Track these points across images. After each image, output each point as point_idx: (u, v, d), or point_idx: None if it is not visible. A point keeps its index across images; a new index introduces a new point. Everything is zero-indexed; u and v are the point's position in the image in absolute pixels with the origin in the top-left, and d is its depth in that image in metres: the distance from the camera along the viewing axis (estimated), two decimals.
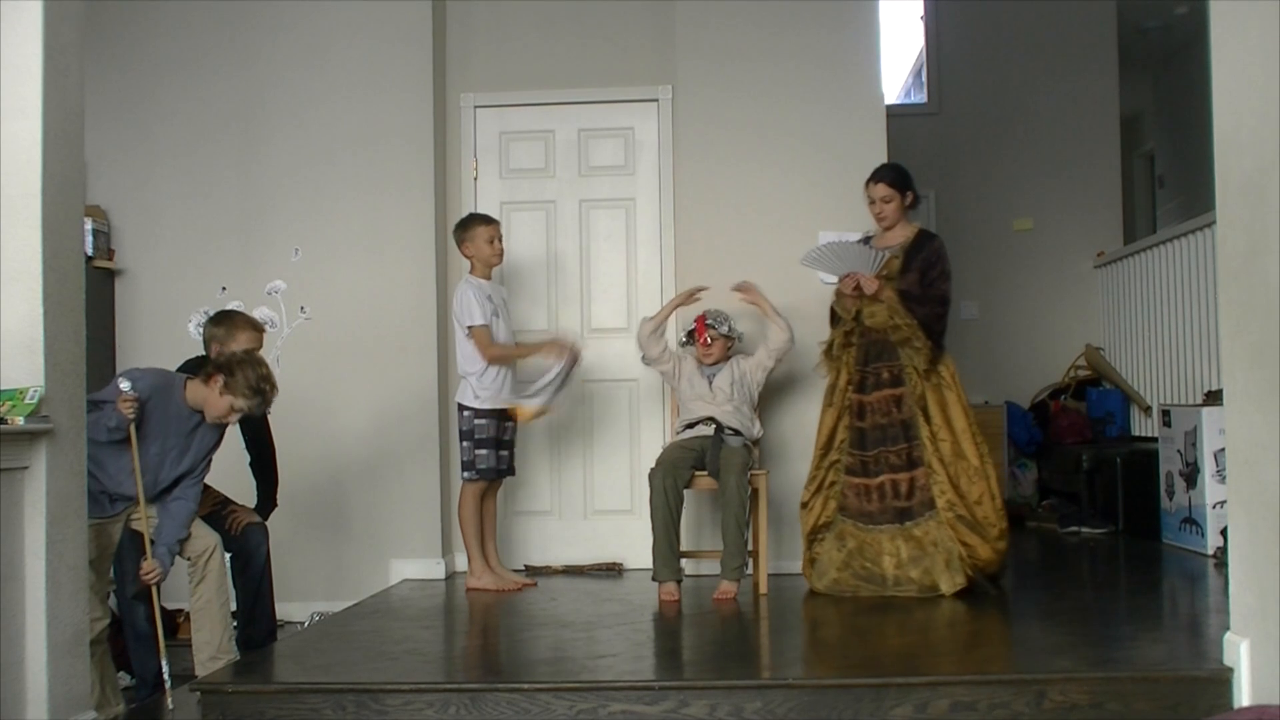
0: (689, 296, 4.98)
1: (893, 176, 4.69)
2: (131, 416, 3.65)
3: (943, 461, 4.46)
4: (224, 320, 4.24)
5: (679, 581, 4.61)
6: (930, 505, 4.46)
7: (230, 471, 4.39)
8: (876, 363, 4.60)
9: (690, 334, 4.95)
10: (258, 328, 4.29)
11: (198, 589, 3.89)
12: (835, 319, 4.78)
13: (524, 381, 4.92)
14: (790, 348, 4.88)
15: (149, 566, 3.74)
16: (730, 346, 4.94)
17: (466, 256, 4.98)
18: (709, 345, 4.87)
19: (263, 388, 3.78)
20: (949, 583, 4.40)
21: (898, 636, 3.89)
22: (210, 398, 3.78)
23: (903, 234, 4.70)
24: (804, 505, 4.71)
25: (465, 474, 4.92)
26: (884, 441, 4.54)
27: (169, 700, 3.62)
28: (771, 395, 5.21)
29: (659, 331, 4.96)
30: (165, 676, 3.69)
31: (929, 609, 4.22)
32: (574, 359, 4.83)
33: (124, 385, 3.66)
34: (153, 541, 3.79)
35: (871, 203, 4.70)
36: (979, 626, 4.05)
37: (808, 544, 4.67)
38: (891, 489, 4.51)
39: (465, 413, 4.89)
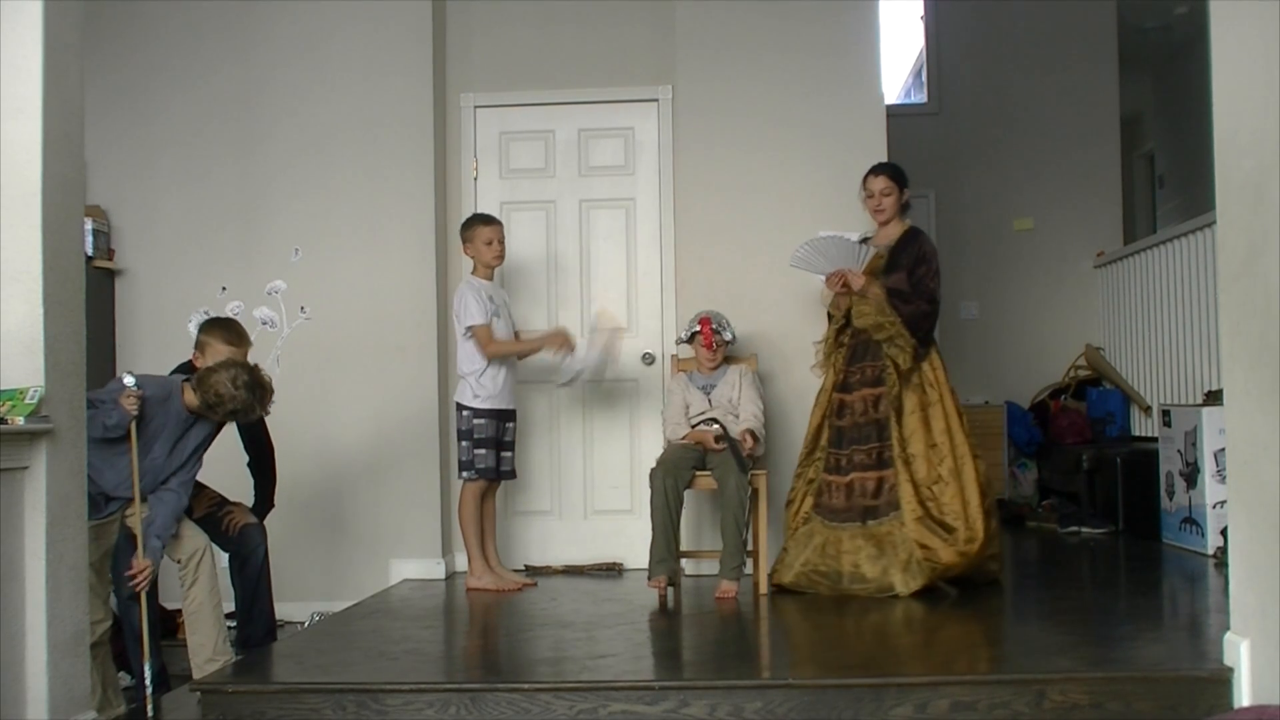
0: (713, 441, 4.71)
1: (892, 171, 4.74)
2: (134, 413, 3.63)
3: (908, 463, 4.46)
4: (203, 331, 4.12)
5: (675, 584, 4.61)
6: (896, 505, 4.46)
7: (229, 472, 4.39)
8: (861, 362, 4.63)
9: (694, 334, 4.90)
10: (234, 344, 4.05)
11: (189, 593, 3.87)
12: (831, 319, 4.80)
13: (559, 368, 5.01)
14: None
15: (139, 565, 3.71)
16: (725, 350, 4.93)
17: (469, 256, 4.98)
18: (714, 350, 4.86)
19: (236, 388, 3.68)
20: (904, 584, 4.37)
21: (898, 636, 3.90)
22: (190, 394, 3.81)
23: (895, 232, 4.72)
24: (788, 503, 4.76)
25: (464, 474, 4.92)
26: (857, 440, 4.58)
27: (148, 708, 3.59)
28: (777, 399, 5.21)
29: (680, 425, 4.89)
30: (147, 682, 3.65)
31: (929, 610, 4.22)
32: (609, 342, 4.95)
33: (128, 380, 3.64)
34: (144, 528, 3.75)
35: (870, 195, 4.71)
36: (979, 626, 4.05)
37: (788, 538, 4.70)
38: (860, 487, 4.54)
39: (464, 412, 4.89)
